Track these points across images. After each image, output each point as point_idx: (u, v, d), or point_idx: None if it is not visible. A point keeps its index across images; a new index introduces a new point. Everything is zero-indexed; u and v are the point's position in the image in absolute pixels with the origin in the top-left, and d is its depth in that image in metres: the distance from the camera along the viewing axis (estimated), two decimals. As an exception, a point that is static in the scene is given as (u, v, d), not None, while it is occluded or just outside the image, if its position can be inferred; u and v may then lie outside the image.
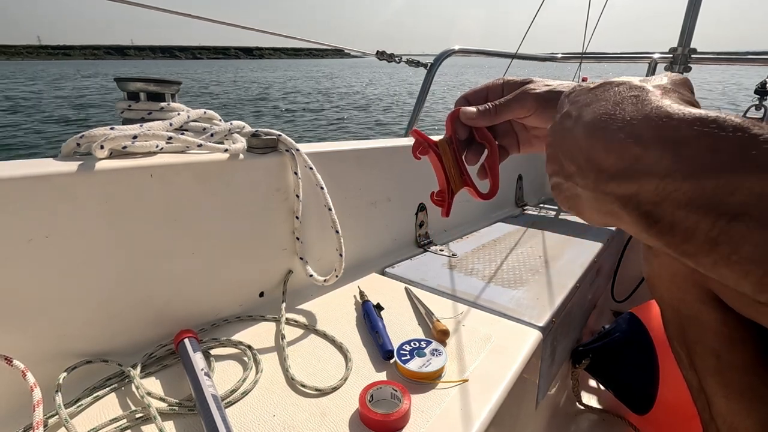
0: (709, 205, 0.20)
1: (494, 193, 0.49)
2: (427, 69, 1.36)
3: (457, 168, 0.48)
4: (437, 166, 0.47)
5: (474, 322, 0.72)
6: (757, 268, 0.19)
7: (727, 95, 14.00)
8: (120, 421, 0.48)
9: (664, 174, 0.22)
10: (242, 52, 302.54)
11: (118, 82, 0.65)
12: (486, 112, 0.46)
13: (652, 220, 0.23)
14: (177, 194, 0.61)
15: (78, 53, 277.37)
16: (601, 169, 0.25)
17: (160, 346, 0.59)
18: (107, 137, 0.55)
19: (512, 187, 1.44)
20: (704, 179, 0.21)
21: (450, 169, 0.47)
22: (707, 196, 0.20)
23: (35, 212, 0.49)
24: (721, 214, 0.20)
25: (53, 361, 0.52)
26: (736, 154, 0.20)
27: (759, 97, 1.40)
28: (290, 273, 0.77)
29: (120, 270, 0.57)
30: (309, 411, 0.52)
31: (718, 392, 0.34)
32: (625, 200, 0.24)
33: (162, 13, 0.82)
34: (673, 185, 0.22)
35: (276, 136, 0.72)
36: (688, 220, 0.21)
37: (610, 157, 0.25)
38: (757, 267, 0.19)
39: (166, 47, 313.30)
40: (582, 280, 0.91)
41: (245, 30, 1.10)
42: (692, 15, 1.34)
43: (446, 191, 0.47)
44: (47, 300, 0.52)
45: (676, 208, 0.22)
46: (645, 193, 0.23)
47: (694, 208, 0.21)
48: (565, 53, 1.72)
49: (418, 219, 1.05)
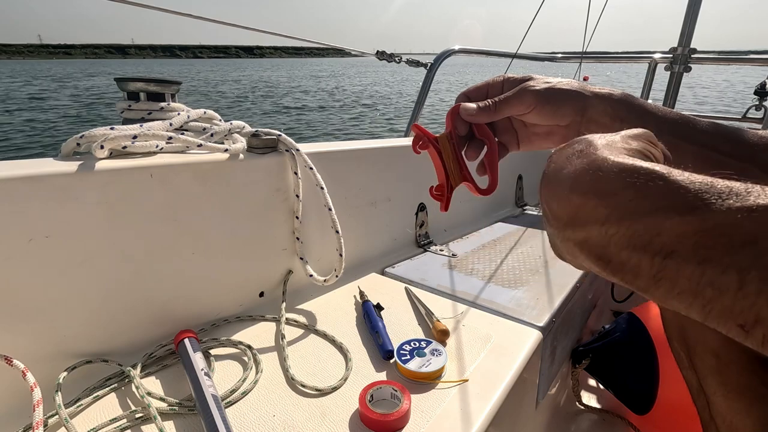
0: (644, 245, 0.23)
1: (493, 188, 0.50)
2: (427, 69, 1.36)
3: (456, 163, 0.48)
4: (436, 161, 0.47)
5: (474, 322, 0.72)
6: (695, 299, 0.21)
7: (730, 94, 13.98)
8: (120, 421, 0.48)
9: (603, 221, 0.25)
10: (243, 51, 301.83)
11: (118, 82, 0.65)
12: (486, 108, 0.46)
13: (604, 262, 0.25)
14: (177, 194, 0.61)
15: (79, 52, 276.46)
16: (557, 217, 0.28)
17: (160, 346, 0.59)
18: (107, 137, 0.55)
19: (512, 187, 1.44)
20: (635, 223, 0.23)
21: (449, 164, 0.48)
22: (640, 238, 0.23)
23: (35, 212, 0.49)
24: (656, 253, 0.22)
25: (53, 361, 0.52)
26: (657, 200, 0.23)
27: (759, 98, 1.40)
28: (290, 273, 0.77)
29: (120, 270, 0.57)
30: (309, 411, 0.52)
31: (718, 392, 0.34)
32: (580, 245, 0.27)
33: (162, 12, 0.82)
34: (612, 230, 0.24)
35: (276, 136, 0.72)
36: (631, 259, 0.24)
37: (561, 207, 0.28)
38: (695, 298, 0.21)
39: (167, 46, 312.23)
40: (582, 280, 0.91)
41: (246, 29, 1.11)
42: (692, 15, 1.34)
43: (445, 186, 0.47)
44: (47, 300, 0.52)
45: (620, 250, 0.24)
46: (593, 237, 0.26)
47: (633, 249, 0.23)
48: (565, 53, 1.72)
49: (418, 219, 1.05)
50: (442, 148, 0.47)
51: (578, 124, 0.46)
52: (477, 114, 0.47)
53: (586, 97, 0.45)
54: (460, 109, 0.47)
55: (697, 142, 0.43)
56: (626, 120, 0.45)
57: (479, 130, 0.49)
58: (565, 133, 0.47)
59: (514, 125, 0.50)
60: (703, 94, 14.95)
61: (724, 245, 0.20)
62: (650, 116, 0.44)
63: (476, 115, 0.47)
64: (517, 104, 0.46)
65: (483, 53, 1.47)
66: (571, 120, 0.46)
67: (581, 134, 0.46)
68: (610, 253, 0.25)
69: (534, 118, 0.47)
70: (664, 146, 0.33)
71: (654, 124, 0.44)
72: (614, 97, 0.45)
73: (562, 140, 0.48)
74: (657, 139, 0.33)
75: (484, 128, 0.48)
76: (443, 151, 0.47)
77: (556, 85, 0.46)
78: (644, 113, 0.45)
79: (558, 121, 0.46)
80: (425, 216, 1.07)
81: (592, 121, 0.45)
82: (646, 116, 0.45)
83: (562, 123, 0.46)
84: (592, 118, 0.45)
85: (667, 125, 0.44)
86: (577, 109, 0.45)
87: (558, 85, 0.46)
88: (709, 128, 0.43)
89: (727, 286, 0.20)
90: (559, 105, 0.45)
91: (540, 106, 0.45)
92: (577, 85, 0.46)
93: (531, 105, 0.45)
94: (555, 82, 0.46)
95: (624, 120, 0.45)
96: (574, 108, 0.45)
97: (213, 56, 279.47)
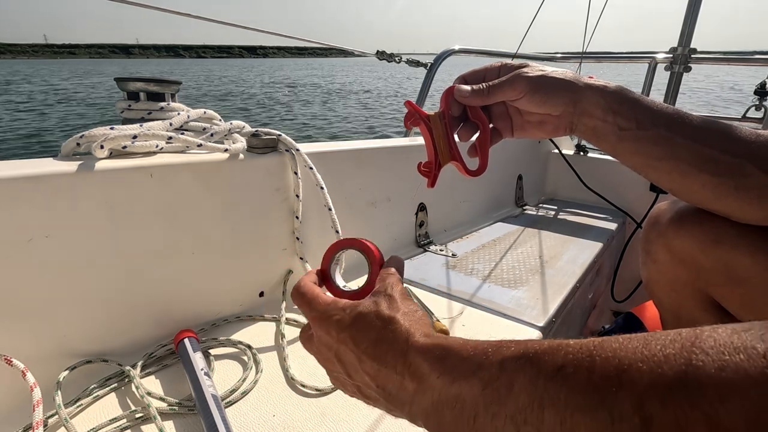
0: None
1: (482, 170, 0.51)
2: (427, 69, 1.36)
3: (446, 142, 0.49)
4: (427, 138, 0.48)
5: (474, 321, 0.72)
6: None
7: (735, 92, 13.98)
8: (120, 421, 0.48)
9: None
10: (246, 51, 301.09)
11: (118, 82, 0.65)
12: (479, 91, 0.47)
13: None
14: (177, 194, 0.61)
15: (83, 52, 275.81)
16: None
17: (160, 346, 0.59)
18: (107, 137, 0.55)
19: (512, 187, 1.44)
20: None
21: (439, 142, 0.48)
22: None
23: (35, 212, 0.49)
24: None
25: (53, 361, 0.52)
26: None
27: (759, 98, 1.40)
28: (290, 273, 0.77)
29: (120, 270, 0.57)
30: (309, 411, 0.52)
31: None
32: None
33: (165, 13, 0.82)
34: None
35: (276, 135, 0.72)
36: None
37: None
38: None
39: (171, 46, 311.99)
40: (582, 280, 0.91)
41: (249, 30, 1.11)
42: (692, 15, 1.34)
43: (433, 163, 0.48)
44: (47, 300, 0.52)
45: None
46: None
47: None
48: (564, 53, 1.72)
49: (418, 219, 1.05)
50: (433, 126, 0.48)
51: (570, 114, 0.47)
52: (470, 96, 0.48)
53: (578, 89, 0.46)
54: (455, 91, 0.48)
55: (691, 137, 0.43)
56: (619, 112, 0.45)
57: (473, 112, 0.49)
58: (557, 122, 0.48)
59: (509, 112, 0.51)
60: (707, 90, 14.98)
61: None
62: (644, 109, 0.45)
63: (469, 97, 0.48)
64: (509, 90, 0.46)
65: (483, 53, 1.47)
66: (562, 110, 0.46)
67: (573, 125, 0.48)
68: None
69: (525, 104, 0.47)
70: None
71: (647, 117, 0.44)
72: (608, 90, 0.45)
73: (554, 130, 0.49)
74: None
75: (478, 111, 0.49)
76: (434, 129, 0.48)
77: (550, 74, 0.46)
78: (637, 106, 0.45)
79: (549, 110, 0.47)
80: (425, 216, 1.07)
81: (585, 113, 0.46)
82: (639, 109, 0.45)
83: (554, 113, 0.47)
84: (585, 110, 0.46)
85: (661, 119, 0.44)
86: (569, 100, 0.46)
87: (551, 74, 0.46)
88: (703, 124, 0.44)
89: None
90: (550, 94, 0.46)
91: (531, 93, 0.46)
92: (571, 76, 0.46)
93: (522, 91, 0.46)
94: (549, 71, 0.47)
95: (617, 113, 0.45)
96: (565, 98, 0.46)
97: (216, 56, 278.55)
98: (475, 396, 0.25)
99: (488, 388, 0.24)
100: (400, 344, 0.29)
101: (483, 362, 0.25)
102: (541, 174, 1.58)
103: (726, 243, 0.51)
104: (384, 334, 0.30)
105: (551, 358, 0.23)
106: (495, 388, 0.24)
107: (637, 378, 0.19)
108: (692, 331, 0.20)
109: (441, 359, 0.27)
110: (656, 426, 0.18)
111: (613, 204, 1.41)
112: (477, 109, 0.49)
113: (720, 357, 0.18)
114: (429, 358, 0.28)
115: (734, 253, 0.51)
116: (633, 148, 0.45)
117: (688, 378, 0.18)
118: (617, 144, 0.46)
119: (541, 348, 0.24)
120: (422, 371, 0.28)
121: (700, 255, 0.54)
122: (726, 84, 19.04)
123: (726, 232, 0.51)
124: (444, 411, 0.26)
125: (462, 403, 0.25)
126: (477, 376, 0.25)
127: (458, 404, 0.25)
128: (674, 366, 0.18)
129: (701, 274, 0.55)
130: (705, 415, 0.17)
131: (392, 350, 0.30)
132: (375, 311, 0.32)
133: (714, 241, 0.52)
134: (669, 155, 0.44)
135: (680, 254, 0.56)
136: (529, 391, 0.22)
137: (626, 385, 0.19)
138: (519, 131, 0.51)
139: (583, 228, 1.25)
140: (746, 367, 0.17)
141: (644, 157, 0.45)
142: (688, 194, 0.48)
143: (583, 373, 0.21)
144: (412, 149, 1.01)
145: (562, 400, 0.21)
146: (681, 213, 0.57)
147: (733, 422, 0.16)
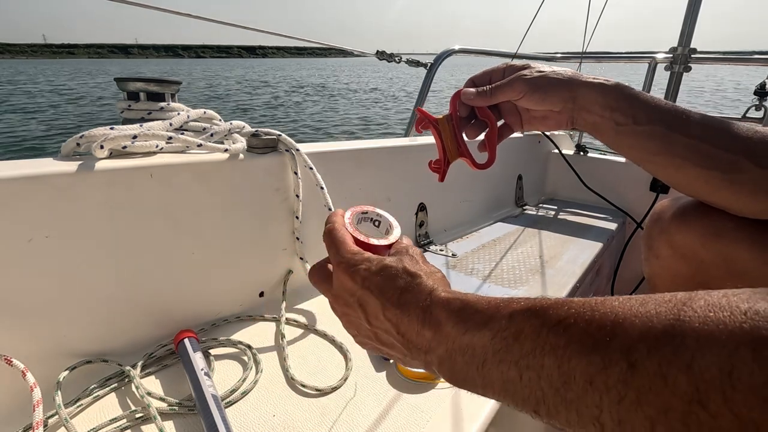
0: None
1: (491, 163, 0.56)
2: (427, 69, 1.36)
3: (454, 141, 0.54)
4: (437, 139, 0.54)
5: (474, 322, 0.71)
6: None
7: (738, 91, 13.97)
8: (120, 421, 0.48)
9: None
10: (245, 51, 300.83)
11: (118, 82, 0.65)
12: (483, 93, 0.52)
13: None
14: (177, 194, 0.61)
15: (82, 52, 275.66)
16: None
17: (160, 346, 0.59)
18: (107, 137, 0.55)
19: (512, 187, 1.44)
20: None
21: (447, 142, 0.54)
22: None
23: (35, 212, 0.49)
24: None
25: (53, 361, 0.52)
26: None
27: (759, 98, 1.40)
28: (290, 273, 0.77)
29: (120, 270, 0.57)
30: (309, 411, 0.52)
31: None
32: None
33: (164, 12, 0.82)
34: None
35: (276, 135, 0.72)
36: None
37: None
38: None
39: (170, 46, 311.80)
40: (582, 280, 0.91)
41: (248, 30, 1.11)
42: (692, 15, 1.34)
43: (442, 161, 0.54)
44: (47, 300, 0.52)
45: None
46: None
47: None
48: (564, 53, 1.72)
49: (418, 219, 1.05)
50: (441, 129, 0.54)
51: (570, 110, 0.50)
52: (475, 98, 0.53)
53: (576, 86, 0.48)
54: (462, 93, 0.54)
55: (689, 134, 0.45)
56: (617, 109, 0.47)
57: (481, 111, 0.54)
58: (558, 118, 0.52)
59: (517, 108, 0.55)
60: (710, 89, 14.99)
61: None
62: (641, 106, 0.47)
63: (474, 99, 0.53)
64: (509, 91, 0.50)
65: (483, 53, 1.47)
66: (562, 107, 0.50)
67: (574, 120, 0.51)
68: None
69: (526, 103, 0.51)
70: None
71: (644, 113, 0.46)
72: (606, 87, 0.48)
73: (556, 124, 0.53)
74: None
75: (485, 110, 0.54)
76: (442, 131, 0.54)
77: (548, 74, 0.50)
78: (635, 102, 0.47)
79: (548, 107, 0.50)
80: (425, 216, 1.07)
81: (583, 109, 0.49)
82: (636, 105, 0.47)
83: (554, 109, 0.50)
84: (584, 106, 0.49)
85: (658, 115, 0.46)
86: (567, 96, 0.49)
87: (549, 74, 0.50)
88: (701, 120, 0.45)
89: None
90: (548, 93, 0.49)
91: (530, 93, 0.50)
92: (570, 74, 0.50)
93: (521, 92, 0.50)
94: (548, 71, 0.50)
95: (615, 109, 0.47)
96: (562, 96, 0.49)
97: (215, 56, 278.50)
98: (484, 344, 0.27)
99: (497, 337, 0.26)
100: (424, 296, 0.32)
101: (494, 314, 0.28)
102: (541, 174, 1.58)
103: (726, 236, 0.52)
104: (410, 286, 0.33)
105: (555, 311, 0.25)
106: (503, 337, 0.26)
107: (630, 330, 0.21)
108: (687, 294, 0.22)
109: (458, 311, 0.30)
110: (640, 370, 0.20)
111: (613, 204, 1.41)
112: (484, 108, 0.54)
113: (706, 314, 0.19)
114: (447, 309, 0.30)
115: (733, 246, 0.51)
116: (630, 143, 0.48)
117: (674, 331, 0.20)
118: (615, 138, 0.49)
119: (547, 303, 0.26)
120: (440, 320, 0.30)
121: (701, 249, 0.54)
122: (724, 84, 19.05)
123: (725, 225, 0.51)
124: (456, 357, 0.29)
125: (472, 349, 0.28)
126: (488, 327, 0.27)
127: (469, 350, 0.28)
128: (663, 320, 0.20)
129: (702, 268, 0.56)
130: (685, 363, 0.19)
131: (416, 300, 0.32)
132: (402, 266, 0.34)
133: (714, 235, 0.53)
134: (664, 150, 0.46)
135: (682, 249, 0.57)
136: (532, 339, 0.25)
137: (619, 335, 0.21)
138: (527, 125, 0.56)
139: (583, 228, 1.25)
140: (727, 322, 0.18)
141: (641, 152, 0.48)
142: (685, 186, 0.50)
143: (582, 325, 0.23)
144: (412, 149, 1.01)
145: (561, 347, 0.23)
146: (683, 208, 0.57)
147: (709, 370, 0.18)
